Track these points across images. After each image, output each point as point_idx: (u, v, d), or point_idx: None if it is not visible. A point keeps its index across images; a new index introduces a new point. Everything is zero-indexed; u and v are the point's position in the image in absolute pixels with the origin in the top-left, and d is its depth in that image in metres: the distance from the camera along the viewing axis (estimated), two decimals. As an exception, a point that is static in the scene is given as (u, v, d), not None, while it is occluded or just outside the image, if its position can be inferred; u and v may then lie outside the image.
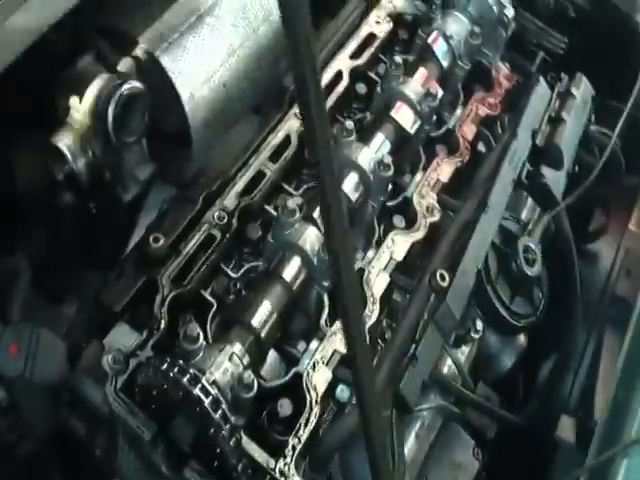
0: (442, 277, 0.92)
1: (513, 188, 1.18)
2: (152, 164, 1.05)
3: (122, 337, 0.87)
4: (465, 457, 1.22)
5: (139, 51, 0.96)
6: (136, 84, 0.90)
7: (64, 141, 0.98)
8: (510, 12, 1.28)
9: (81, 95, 0.92)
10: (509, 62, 1.36)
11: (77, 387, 0.87)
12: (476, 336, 1.13)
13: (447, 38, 1.24)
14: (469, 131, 1.21)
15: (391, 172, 0.98)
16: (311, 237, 0.91)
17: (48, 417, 0.89)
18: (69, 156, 0.97)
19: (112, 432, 0.85)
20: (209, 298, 0.94)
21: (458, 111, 1.25)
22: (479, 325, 1.11)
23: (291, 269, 0.93)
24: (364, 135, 1.09)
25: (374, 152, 1.01)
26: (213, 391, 0.76)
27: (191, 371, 0.76)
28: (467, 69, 1.27)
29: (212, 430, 0.76)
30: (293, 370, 0.91)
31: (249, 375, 0.79)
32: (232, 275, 0.99)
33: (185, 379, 0.75)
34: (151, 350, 0.86)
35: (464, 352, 1.16)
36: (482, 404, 1.03)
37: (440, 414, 1.05)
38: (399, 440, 0.86)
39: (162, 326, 0.88)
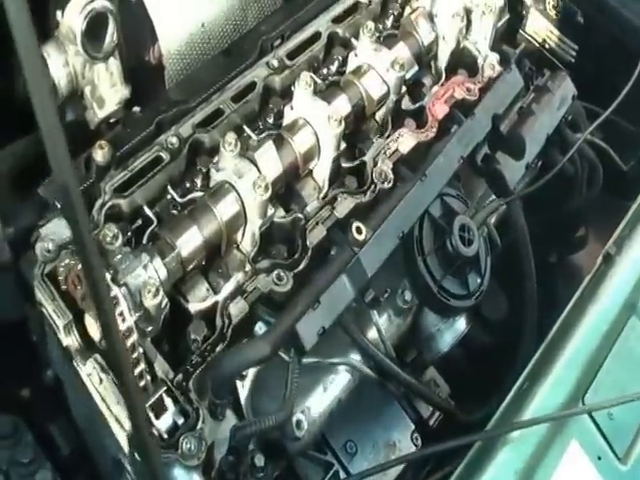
0: (359, 230, 1.01)
1: (470, 172, 1.24)
2: (127, 86, 1.18)
3: (59, 229, 1.00)
4: (402, 439, 1.29)
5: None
6: (104, 3, 1.00)
7: (47, 51, 1.09)
8: (499, 1, 1.35)
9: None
10: (500, 54, 1.42)
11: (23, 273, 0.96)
12: (404, 306, 1.20)
13: (432, 16, 1.32)
14: (440, 110, 1.31)
15: (340, 128, 1.09)
16: (248, 175, 1.01)
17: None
18: (50, 66, 1.11)
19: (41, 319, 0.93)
20: (150, 214, 1.07)
21: (434, 89, 1.34)
22: (407, 295, 1.19)
23: (224, 203, 1.05)
24: (328, 93, 1.21)
25: (329, 108, 1.12)
26: (115, 288, 0.83)
27: None
28: (450, 50, 1.36)
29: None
30: (213, 297, 1.00)
31: (155, 281, 0.88)
32: (177, 199, 1.11)
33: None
34: None
35: (395, 323, 1.22)
36: (400, 374, 1.10)
37: (357, 377, 1.11)
38: (292, 380, 0.92)
39: (98, 228, 0.99)
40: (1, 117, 1.11)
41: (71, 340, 0.95)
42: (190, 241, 1.03)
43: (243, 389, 1.02)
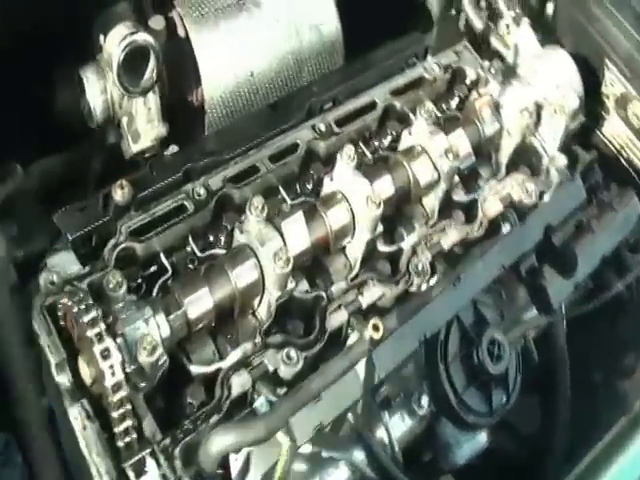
0: (376, 328, 1.15)
1: (512, 281, 1.35)
2: (164, 124, 1.38)
3: (66, 263, 1.16)
4: None
5: (173, 13, 1.25)
6: (146, 37, 1.22)
7: (86, 75, 1.27)
8: (574, 103, 1.49)
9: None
10: (568, 156, 1.57)
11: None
12: (419, 412, 1.29)
13: (498, 107, 1.47)
14: (493, 208, 1.46)
15: (378, 211, 1.24)
16: (271, 244, 1.18)
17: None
18: (87, 91, 1.32)
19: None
20: (165, 263, 1.23)
21: (491, 183, 1.49)
22: (424, 400, 1.28)
23: (242, 268, 1.20)
24: (373, 170, 1.36)
25: (369, 188, 1.27)
26: (108, 340, 1.01)
27: (94, 313, 1.02)
28: (513, 145, 1.52)
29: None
30: (217, 364, 1.16)
31: (153, 338, 1.05)
32: (197, 252, 1.26)
33: (86, 318, 1.02)
34: (87, 286, 1.14)
35: (409, 425, 1.32)
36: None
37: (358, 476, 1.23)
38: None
39: (107, 269, 1.15)
40: (36, 131, 1.28)
41: (63, 379, 1.08)
42: (199, 302, 1.17)
43: (236, 462, 1.12)
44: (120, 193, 1.20)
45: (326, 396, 1.12)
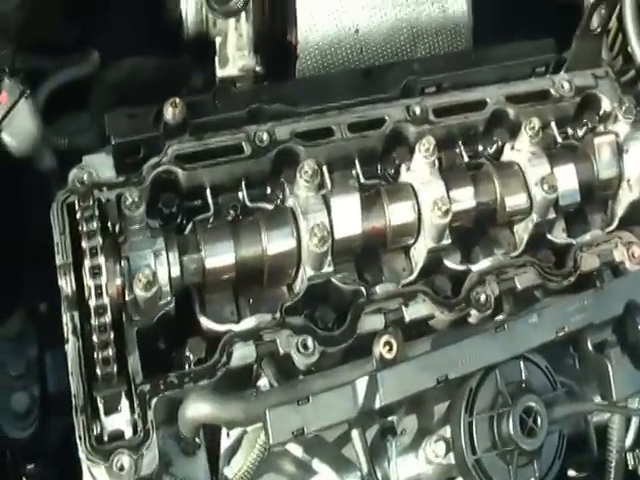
0: (388, 346, 1.14)
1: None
2: (254, 56, 1.42)
3: (101, 166, 1.22)
4: None
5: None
6: None
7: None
8: None
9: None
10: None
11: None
12: (432, 458, 1.28)
13: (621, 150, 1.42)
14: (589, 261, 1.41)
15: (444, 220, 1.24)
16: (313, 216, 1.20)
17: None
18: None
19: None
20: (210, 200, 1.27)
21: (596, 233, 1.45)
22: (440, 448, 1.27)
23: (277, 232, 1.22)
24: (456, 175, 1.35)
25: (441, 191, 1.28)
26: (101, 258, 1.06)
27: (93, 225, 1.07)
28: (631, 199, 1.46)
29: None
30: (229, 325, 1.20)
31: (149, 274, 1.08)
32: (245, 200, 1.31)
33: (85, 227, 1.07)
34: (115, 197, 1.19)
35: (417, 468, 1.30)
36: None
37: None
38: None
39: (143, 184, 1.21)
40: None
41: (64, 283, 1.12)
42: (220, 253, 1.19)
43: (228, 439, 1.16)
44: (171, 111, 1.23)
45: (316, 402, 1.10)
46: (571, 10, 1.72)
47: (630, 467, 1.43)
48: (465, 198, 1.32)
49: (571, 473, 1.46)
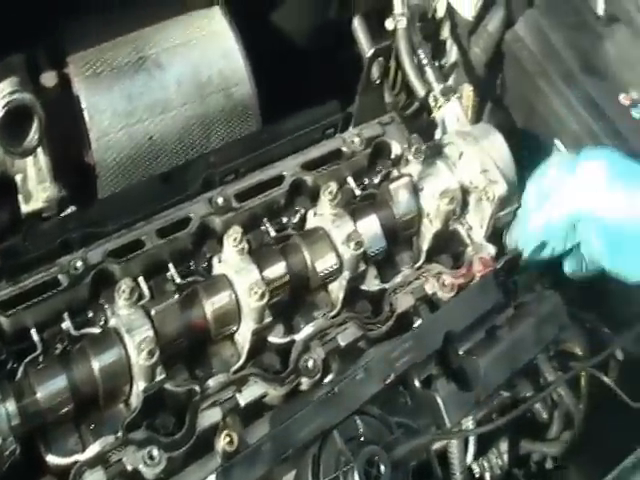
0: (229, 439, 1.22)
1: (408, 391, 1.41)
2: (56, 185, 1.45)
3: None
4: None
5: (65, 70, 1.32)
6: (27, 97, 1.26)
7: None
8: (501, 190, 1.56)
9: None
10: (496, 246, 1.64)
11: None
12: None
13: (416, 189, 1.53)
14: (403, 302, 1.51)
15: (262, 302, 1.31)
16: (139, 331, 1.25)
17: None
18: None
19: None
20: (36, 339, 1.29)
21: (406, 272, 1.55)
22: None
23: (106, 356, 1.26)
24: (265, 255, 1.43)
25: (254, 276, 1.33)
26: None
27: None
28: (434, 232, 1.58)
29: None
30: (75, 456, 1.23)
31: None
32: (71, 331, 1.33)
33: None
34: None
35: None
36: None
37: None
38: None
39: None
40: None
41: None
42: (55, 390, 1.22)
43: None
44: (-16, 257, 1.27)
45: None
46: (352, 65, 1.84)
47: (477, 476, 1.56)
48: (279, 274, 1.40)
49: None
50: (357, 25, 1.90)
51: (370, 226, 1.52)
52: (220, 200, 1.46)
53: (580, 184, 1.47)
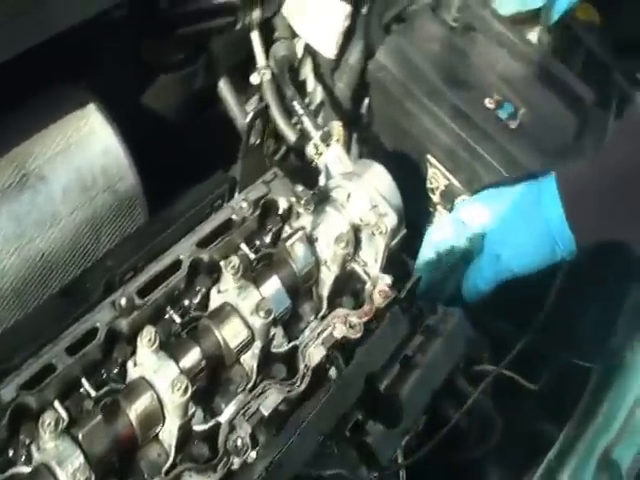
0: None
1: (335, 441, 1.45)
2: None
3: None
4: None
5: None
6: None
7: None
8: (392, 221, 1.62)
9: None
10: (393, 272, 1.70)
11: None
12: None
13: (312, 240, 1.58)
14: (316, 354, 1.54)
15: (186, 397, 1.33)
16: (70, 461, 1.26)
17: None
18: None
19: None
20: None
21: (312, 325, 1.59)
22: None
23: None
24: (178, 347, 1.44)
25: (173, 371, 1.35)
26: None
27: None
28: (333, 277, 1.61)
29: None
30: None
31: None
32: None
33: None
34: None
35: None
36: None
37: None
38: None
39: None
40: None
41: None
42: None
43: None
44: None
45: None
46: (227, 128, 1.88)
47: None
48: (195, 362, 1.42)
49: None
50: (222, 86, 1.93)
51: (273, 288, 1.55)
52: (123, 301, 1.45)
53: None
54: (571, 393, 1.77)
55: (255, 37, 1.94)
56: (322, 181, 1.80)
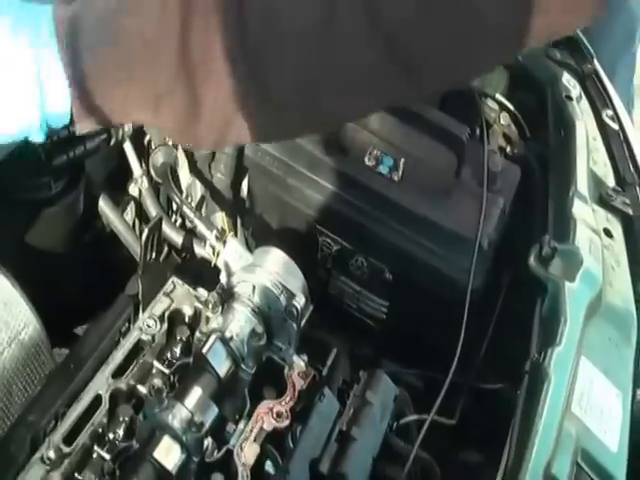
0: None
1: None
2: None
3: None
4: None
5: None
6: None
7: None
8: (301, 301, 1.65)
9: None
10: (307, 355, 1.73)
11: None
12: None
13: (226, 341, 1.59)
14: (250, 453, 1.54)
15: None
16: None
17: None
18: None
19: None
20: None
21: (241, 425, 1.59)
22: None
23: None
24: None
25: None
26: None
27: None
28: (252, 372, 1.62)
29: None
30: None
31: None
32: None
33: None
34: None
35: None
36: None
37: None
38: None
39: None
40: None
41: None
42: None
43: None
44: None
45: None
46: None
47: None
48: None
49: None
50: (103, 204, 1.94)
51: (198, 400, 1.55)
52: (51, 454, 1.43)
53: None
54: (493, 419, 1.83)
55: (128, 148, 1.96)
56: (224, 279, 1.82)
